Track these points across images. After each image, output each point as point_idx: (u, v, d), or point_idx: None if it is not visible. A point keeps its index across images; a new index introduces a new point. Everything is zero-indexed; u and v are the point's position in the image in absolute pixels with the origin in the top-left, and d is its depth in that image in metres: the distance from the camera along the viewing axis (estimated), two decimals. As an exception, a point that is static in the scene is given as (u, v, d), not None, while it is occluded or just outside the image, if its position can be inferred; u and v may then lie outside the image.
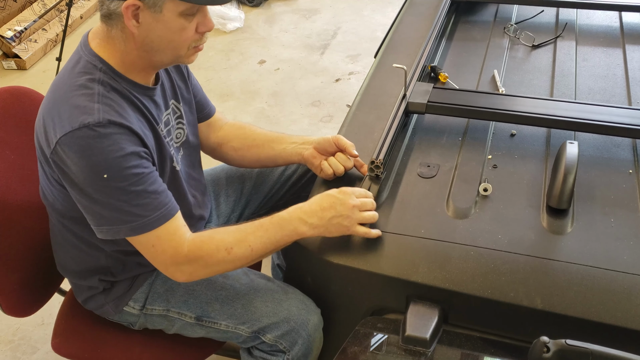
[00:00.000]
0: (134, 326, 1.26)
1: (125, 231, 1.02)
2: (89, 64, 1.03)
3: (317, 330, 1.19)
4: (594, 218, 1.10)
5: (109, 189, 0.98)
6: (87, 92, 1.00)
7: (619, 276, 0.99)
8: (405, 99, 1.35)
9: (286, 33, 3.64)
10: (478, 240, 1.07)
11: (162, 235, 1.03)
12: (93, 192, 0.99)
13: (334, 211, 1.06)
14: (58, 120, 0.98)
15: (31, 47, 3.43)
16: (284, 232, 1.07)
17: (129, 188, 0.99)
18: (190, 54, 1.05)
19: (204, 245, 1.05)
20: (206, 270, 1.07)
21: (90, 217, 1.04)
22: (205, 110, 1.34)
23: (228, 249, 1.05)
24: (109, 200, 0.99)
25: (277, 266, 1.74)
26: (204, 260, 1.06)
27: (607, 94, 1.44)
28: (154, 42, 1.01)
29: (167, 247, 1.04)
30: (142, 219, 1.01)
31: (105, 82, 1.02)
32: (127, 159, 0.99)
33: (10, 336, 1.89)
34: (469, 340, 1.01)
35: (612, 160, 1.24)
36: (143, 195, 1.00)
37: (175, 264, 1.05)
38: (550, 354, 0.85)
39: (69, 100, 0.99)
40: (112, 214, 1.00)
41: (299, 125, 2.82)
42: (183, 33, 1.00)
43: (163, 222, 1.03)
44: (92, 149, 0.96)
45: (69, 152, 0.97)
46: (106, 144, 0.97)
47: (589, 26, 1.74)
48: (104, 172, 0.97)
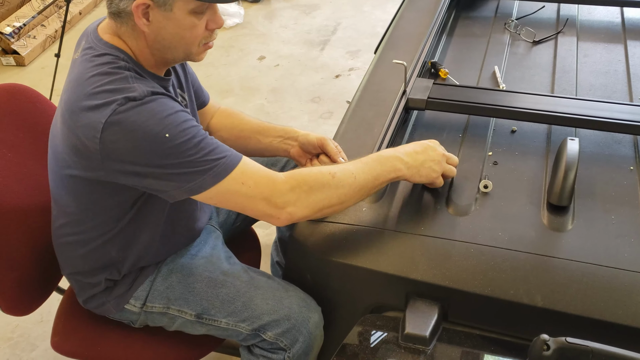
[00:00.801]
0: (135, 324, 1.26)
1: (209, 180, 0.98)
2: (110, 55, 1.01)
3: (317, 328, 1.18)
4: (594, 215, 1.09)
5: (175, 147, 0.96)
6: (120, 76, 0.98)
7: (620, 274, 0.98)
8: (405, 95, 1.34)
9: (286, 29, 3.63)
10: (478, 238, 1.06)
11: (247, 169, 1.00)
12: (160, 158, 0.96)
13: (426, 155, 1.11)
14: (98, 107, 0.95)
15: (30, 44, 3.42)
16: (384, 167, 1.07)
17: (193, 140, 0.97)
18: (200, 51, 1.06)
19: (305, 171, 1.03)
20: (309, 197, 1.01)
21: (163, 186, 0.99)
22: (200, 99, 1.33)
23: (332, 173, 1.03)
24: (179, 160, 0.96)
25: (277, 263, 1.74)
26: (307, 184, 1.01)
27: (608, 90, 1.43)
28: (165, 39, 1.01)
29: (258, 178, 1.00)
30: (220, 161, 0.98)
31: (131, 69, 1.01)
32: (179, 115, 0.98)
33: (9, 333, 1.89)
34: (468, 338, 1.01)
35: (613, 156, 1.23)
36: (208, 143, 0.99)
37: (275, 193, 1.00)
38: (551, 351, 0.84)
39: (104, 87, 0.97)
40: (189, 169, 0.97)
41: (299, 121, 2.81)
42: (194, 30, 1.00)
43: (239, 159, 1.00)
44: (144, 115, 0.95)
45: (121, 130, 0.94)
46: (155, 107, 0.96)
47: (590, 22, 1.73)
48: (164, 131, 0.95)
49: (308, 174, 1.04)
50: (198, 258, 1.23)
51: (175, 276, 1.21)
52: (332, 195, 1.03)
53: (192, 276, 1.20)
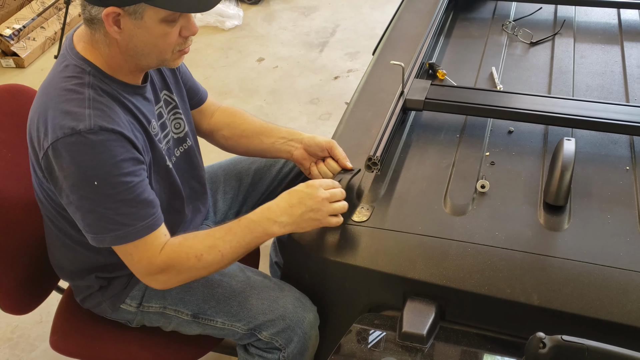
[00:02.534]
0: (132, 324, 1.26)
1: (109, 240, 1.01)
2: (77, 67, 1.01)
3: (312, 328, 1.19)
4: (590, 215, 1.10)
5: (98, 196, 0.98)
6: (78, 97, 0.99)
7: (615, 272, 0.99)
8: (403, 96, 1.35)
9: (285, 31, 3.63)
10: (475, 237, 1.07)
11: (140, 245, 1.03)
12: (79, 199, 0.98)
13: (303, 207, 1.05)
14: (49, 126, 0.97)
15: (29, 45, 3.43)
16: (253, 235, 1.07)
17: (117, 196, 0.98)
18: (175, 57, 1.05)
19: (174, 255, 1.05)
20: (179, 277, 1.07)
21: (78, 223, 1.04)
22: (196, 97, 1.33)
23: (198, 256, 1.05)
24: (95, 208, 0.99)
25: (275, 264, 1.74)
26: (176, 269, 1.06)
27: (604, 91, 1.44)
28: (137, 47, 1.00)
29: (142, 257, 1.04)
30: (127, 228, 1.01)
31: (95, 85, 1.01)
32: (118, 166, 0.98)
33: (8, 334, 1.89)
34: (465, 337, 1.02)
35: (610, 157, 1.24)
36: (131, 204, 1.00)
37: (149, 273, 1.06)
38: (546, 349, 0.85)
39: (59, 106, 0.98)
40: (98, 222, 1.00)
41: (298, 122, 2.82)
42: (166, 38, 0.99)
43: (147, 233, 1.02)
44: (83, 156, 0.96)
45: (59, 159, 0.96)
46: (98, 151, 0.96)
47: (587, 23, 1.74)
48: (94, 179, 0.96)
49: (178, 260, 1.05)
50: (194, 258, 1.24)
51: (171, 276, 1.21)
52: (200, 273, 1.09)
53: (188, 276, 1.21)
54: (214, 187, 1.45)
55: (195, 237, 1.07)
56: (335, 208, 1.07)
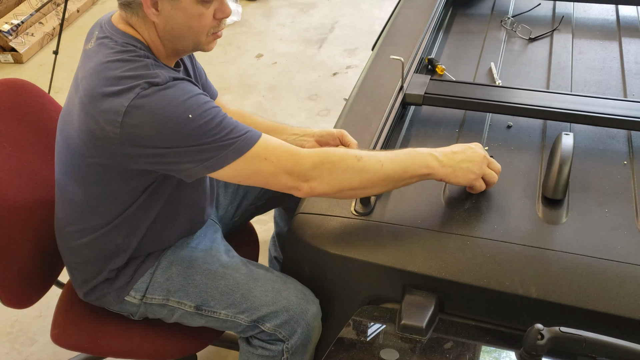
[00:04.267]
0: (134, 316, 1.27)
1: (231, 155, 0.99)
2: (128, 44, 1.03)
3: (315, 320, 1.20)
4: (588, 208, 1.11)
5: (198, 127, 0.98)
6: (141, 64, 1.01)
7: (613, 265, 1.00)
8: (402, 91, 1.35)
9: (283, 27, 3.63)
10: (474, 230, 1.08)
11: (269, 144, 1.01)
12: (184, 139, 0.98)
13: (464, 155, 1.07)
14: (120, 92, 0.97)
15: (28, 41, 3.42)
16: (414, 161, 1.05)
17: (215, 120, 0.99)
18: (209, 40, 1.07)
19: (329, 150, 1.04)
20: (331, 175, 1.01)
21: (183, 165, 1.01)
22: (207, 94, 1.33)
23: (358, 156, 1.02)
24: (202, 140, 0.98)
25: (275, 259, 1.75)
26: (330, 162, 1.01)
27: (602, 86, 1.45)
28: (174, 29, 1.03)
29: (280, 153, 1.01)
30: (241, 137, 1.00)
31: (150, 57, 1.04)
32: (200, 97, 1.01)
33: (8, 328, 1.90)
34: (464, 329, 1.03)
35: (607, 151, 1.25)
36: (229, 122, 1.01)
37: (297, 167, 1.00)
38: (545, 341, 0.86)
39: (126, 73, 0.99)
40: (210, 146, 0.99)
41: (296, 118, 2.83)
42: (202, 19, 1.02)
43: (260, 135, 1.02)
44: (166, 99, 0.97)
45: (144, 113, 0.96)
46: (177, 91, 0.99)
47: (585, 19, 1.74)
48: (187, 113, 0.97)
49: (333, 153, 1.04)
50: (198, 250, 1.24)
51: (175, 268, 1.22)
52: (355, 178, 1.03)
53: (191, 268, 1.22)
54: (216, 182, 1.45)
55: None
56: (489, 173, 1.10)
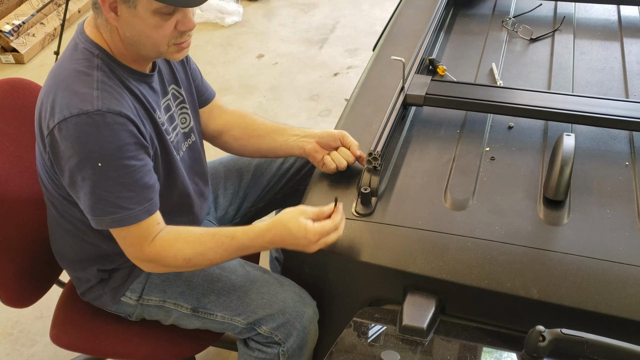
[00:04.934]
0: (131, 317, 1.27)
1: (107, 222, 1.03)
2: (87, 50, 1.03)
3: (312, 323, 1.19)
4: (590, 209, 1.11)
5: (100, 177, 0.99)
6: (87, 78, 1.00)
7: (615, 267, 1.00)
8: (403, 91, 1.35)
9: (285, 27, 3.63)
10: (475, 232, 1.07)
11: (135, 231, 1.05)
12: (82, 179, 0.99)
13: (294, 246, 1.07)
14: (57, 106, 0.98)
15: (29, 41, 3.42)
16: (243, 253, 1.11)
17: (119, 179, 0.99)
18: (172, 50, 1.04)
19: (163, 252, 1.07)
20: (165, 269, 1.12)
21: (80, 204, 1.05)
22: (204, 95, 1.33)
23: (187, 259, 1.08)
24: (96, 190, 1.00)
25: (275, 259, 1.75)
26: (162, 263, 1.09)
27: (604, 86, 1.45)
28: (133, 36, 1.01)
29: (134, 242, 1.06)
30: (125, 212, 1.02)
31: (103, 68, 1.02)
32: (123, 150, 0.99)
33: (9, 329, 1.90)
34: (465, 330, 1.02)
35: (609, 152, 1.25)
36: (131, 188, 1.01)
37: (138, 259, 1.09)
38: (546, 343, 0.85)
39: (69, 86, 0.99)
40: (97, 204, 1.01)
41: (297, 119, 2.82)
42: (160, 30, 0.99)
43: (143, 218, 1.04)
44: (89, 136, 0.97)
45: (65, 138, 0.97)
46: (104, 133, 0.97)
47: (587, 19, 1.74)
48: (98, 160, 0.97)
49: (165, 257, 1.07)
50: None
51: (172, 270, 1.22)
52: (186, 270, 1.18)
53: (188, 270, 1.21)
54: (215, 183, 1.45)
55: (185, 240, 1.08)
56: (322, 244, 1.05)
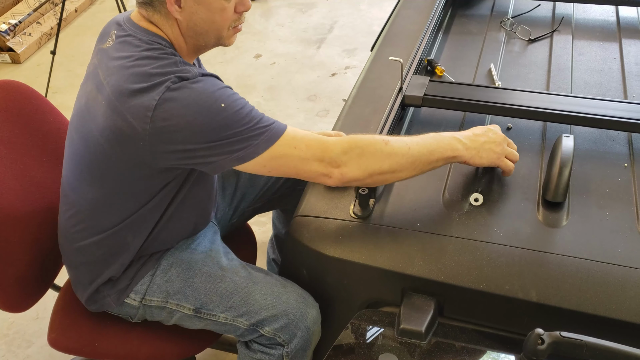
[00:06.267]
0: (133, 318, 1.26)
1: (262, 144, 1.00)
2: (154, 42, 1.04)
3: (315, 324, 1.19)
4: (589, 211, 1.10)
5: (229, 117, 0.99)
6: (169, 61, 1.02)
7: (614, 269, 0.99)
8: (401, 92, 1.35)
9: (282, 27, 3.63)
10: (474, 233, 1.07)
11: (296, 134, 1.02)
12: (215, 130, 0.98)
13: (486, 137, 1.11)
14: (150, 88, 0.98)
15: (25, 41, 3.41)
16: (439, 144, 1.07)
17: (244, 110, 1.00)
18: (230, 34, 1.09)
19: (357, 135, 1.04)
20: (361, 160, 1.02)
21: (213, 158, 1.01)
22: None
23: (385, 140, 1.04)
24: (233, 130, 0.98)
25: (273, 261, 1.74)
26: (359, 147, 1.02)
27: (603, 88, 1.44)
28: (197, 25, 1.04)
29: (308, 141, 1.02)
30: (270, 127, 1.01)
31: (176, 55, 1.05)
32: (228, 89, 1.02)
33: (5, 330, 1.89)
34: (464, 333, 1.02)
35: (608, 153, 1.24)
36: (257, 113, 1.02)
37: (327, 153, 1.01)
38: (545, 345, 0.85)
39: (156, 69, 1.00)
40: (242, 137, 0.99)
41: (295, 119, 2.82)
42: (224, 13, 1.04)
43: (286, 126, 1.03)
44: (197, 91, 0.99)
45: (176, 107, 0.97)
46: (207, 84, 1.00)
47: (585, 20, 1.74)
48: (219, 102, 0.98)
49: (361, 138, 1.05)
50: (197, 253, 1.23)
51: (174, 270, 1.21)
52: (384, 161, 1.03)
53: (191, 270, 1.21)
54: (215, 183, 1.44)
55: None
56: (511, 152, 1.14)
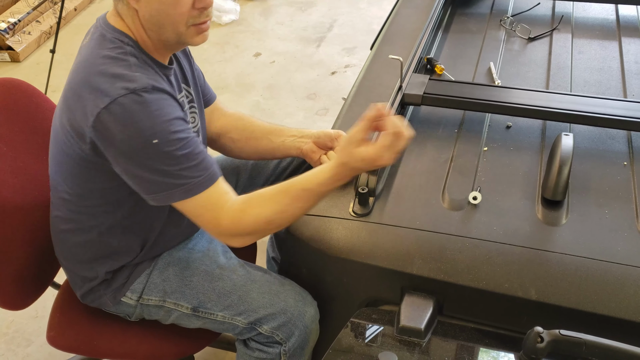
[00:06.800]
0: (131, 317, 1.26)
1: (178, 194, 1.00)
2: (116, 39, 1.03)
3: (313, 322, 1.19)
4: (588, 209, 1.10)
5: (159, 154, 0.97)
6: (123, 63, 1.00)
7: (613, 267, 0.99)
8: (401, 91, 1.34)
9: (282, 26, 3.62)
10: (473, 232, 1.07)
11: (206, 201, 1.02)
12: (143, 160, 0.98)
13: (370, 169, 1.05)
14: (100, 90, 0.97)
15: (25, 39, 3.40)
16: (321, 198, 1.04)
17: (177, 152, 0.98)
18: (192, 33, 1.03)
19: (241, 219, 1.03)
20: (252, 237, 1.06)
21: (140, 186, 1.02)
22: (206, 96, 1.32)
23: (268, 221, 1.03)
24: (159, 166, 0.98)
25: (272, 259, 1.74)
26: (246, 232, 1.05)
27: (602, 86, 1.44)
28: (152, 16, 1.01)
29: (210, 214, 1.03)
30: (194, 180, 1.00)
31: (136, 55, 1.03)
32: (173, 123, 0.99)
33: (4, 329, 1.89)
34: (463, 331, 1.02)
35: (607, 152, 1.24)
36: (191, 158, 1.00)
37: (222, 234, 1.05)
38: (544, 344, 0.85)
39: (107, 71, 0.98)
40: (164, 179, 0.99)
41: (295, 118, 2.82)
42: (177, 7, 0.99)
43: (210, 184, 1.02)
44: (140, 114, 0.96)
45: (115, 120, 0.96)
46: (153, 108, 0.97)
47: (585, 19, 1.74)
48: (153, 137, 0.96)
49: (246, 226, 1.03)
50: (195, 252, 1.23)
51: (172, 269, 1.21)
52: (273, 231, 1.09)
53: (188, 269, 1.21)
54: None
55: (259, 203, 1.04)
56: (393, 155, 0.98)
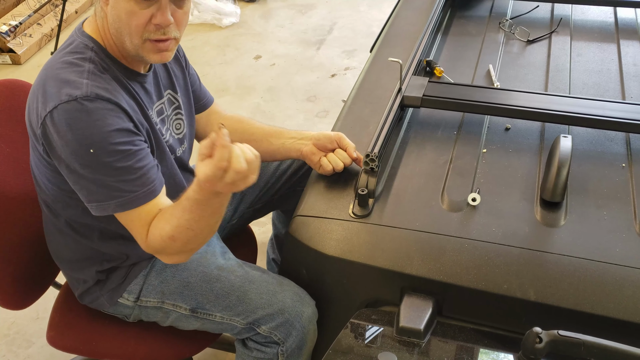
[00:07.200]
0: (129, 318, 1.26)
1: (112, 207, 1.02)
2: (82, 44, 1.04)
3: (311, 322, 1.19)
4: (587, 211, 1.11)
5: (96, 164, 0.98)
6: (77, 69, 1.01)
7: (611, 268, 1.00)
8: (400, 93, 1.35)
9: (282, 28, 3.63)
10: (472, 233, 1.07)
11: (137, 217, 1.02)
12: (80, 167, 0.99)
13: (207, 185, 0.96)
14: (47, 95, 0.99)
15: (26, 42, 3.41)
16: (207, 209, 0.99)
17: (115, 164, 0.99)
18: (148, 48, 1.01)
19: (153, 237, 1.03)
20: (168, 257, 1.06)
21: (80, 193, 1.04)
22: (202, 100, 1.33)
23: (171, 237, 1.01)
24: (95, 176, 0.99)
25: (272, 260, 1.75)
26: (160, 251, 1.05)
27: (601, 88, 1.45)
28: (115, 22, 1.01)
29: (140, 229, 1.04)
30: (129, 194, 1.01)
31: (96, 61, 1.03)
32: (113, 135, 0.98)
33: (5, 330, 1.89)
34: (462, 332, 1.02)
35: (606, 154, 1.25)
36: (130, 171, 1.00)
37: (147, 249, 1.06)
38: (543, 344, 0.85)
39: (58, 76, 1.00)
40: (100, 189, 1.00)
41: (295, 120, 2.82)
42: (132, 18, 0.98)
43: (146, 201, 1.02)
44: (79, 122, 0.97)
45: (57, 126, 0.97)
46: (93, 118, 0.97)
47: (583, 21, 1.74)
48: (90, 146, 0.97)
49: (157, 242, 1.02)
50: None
51: (169, 270, 1.21)
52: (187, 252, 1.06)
53: (186, 271, 1.21)
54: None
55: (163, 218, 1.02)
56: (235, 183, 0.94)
